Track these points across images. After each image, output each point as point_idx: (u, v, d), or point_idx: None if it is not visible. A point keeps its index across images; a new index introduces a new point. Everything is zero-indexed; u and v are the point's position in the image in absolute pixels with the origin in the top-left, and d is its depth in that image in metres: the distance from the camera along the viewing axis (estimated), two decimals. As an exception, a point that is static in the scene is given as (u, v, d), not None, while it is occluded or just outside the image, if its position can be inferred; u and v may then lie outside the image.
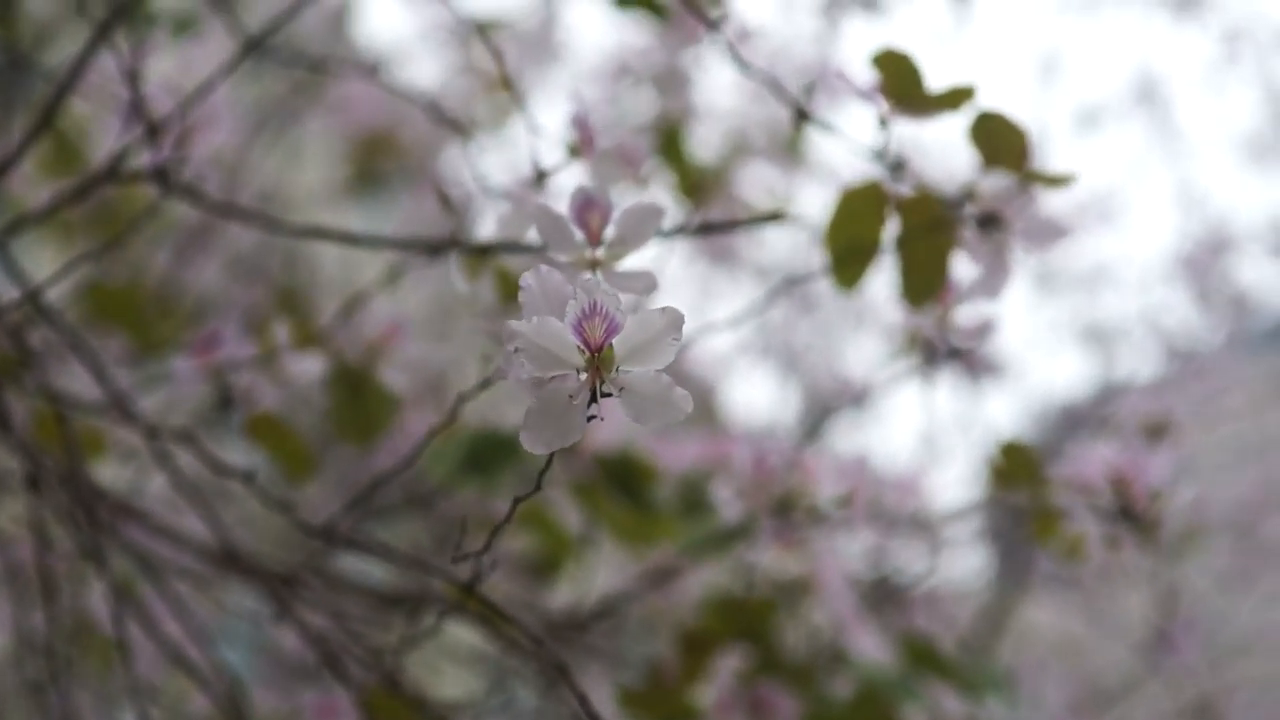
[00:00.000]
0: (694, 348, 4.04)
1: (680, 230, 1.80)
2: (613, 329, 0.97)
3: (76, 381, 2.06)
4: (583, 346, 0.98)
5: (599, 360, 0.98)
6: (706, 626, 2.24)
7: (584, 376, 0.98)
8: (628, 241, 1.23)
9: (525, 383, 1.05)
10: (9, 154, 1.90)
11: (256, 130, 2.94)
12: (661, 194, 2.38)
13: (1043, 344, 6.00)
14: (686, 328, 0.98)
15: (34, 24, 2.63)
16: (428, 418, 2.41)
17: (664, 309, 0.97)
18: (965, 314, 1.82)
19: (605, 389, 0.98)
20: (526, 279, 1.00)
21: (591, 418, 0.99)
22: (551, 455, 1.03)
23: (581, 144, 1.52)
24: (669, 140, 2.47)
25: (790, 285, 2.02)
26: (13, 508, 2.25)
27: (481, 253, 1.70)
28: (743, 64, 1.77)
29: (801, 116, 1.70)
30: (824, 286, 4.81)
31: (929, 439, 5.34)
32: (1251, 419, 5.43)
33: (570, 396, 0.98)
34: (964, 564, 5.38)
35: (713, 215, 2.56)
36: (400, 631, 1.85)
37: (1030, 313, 5.75)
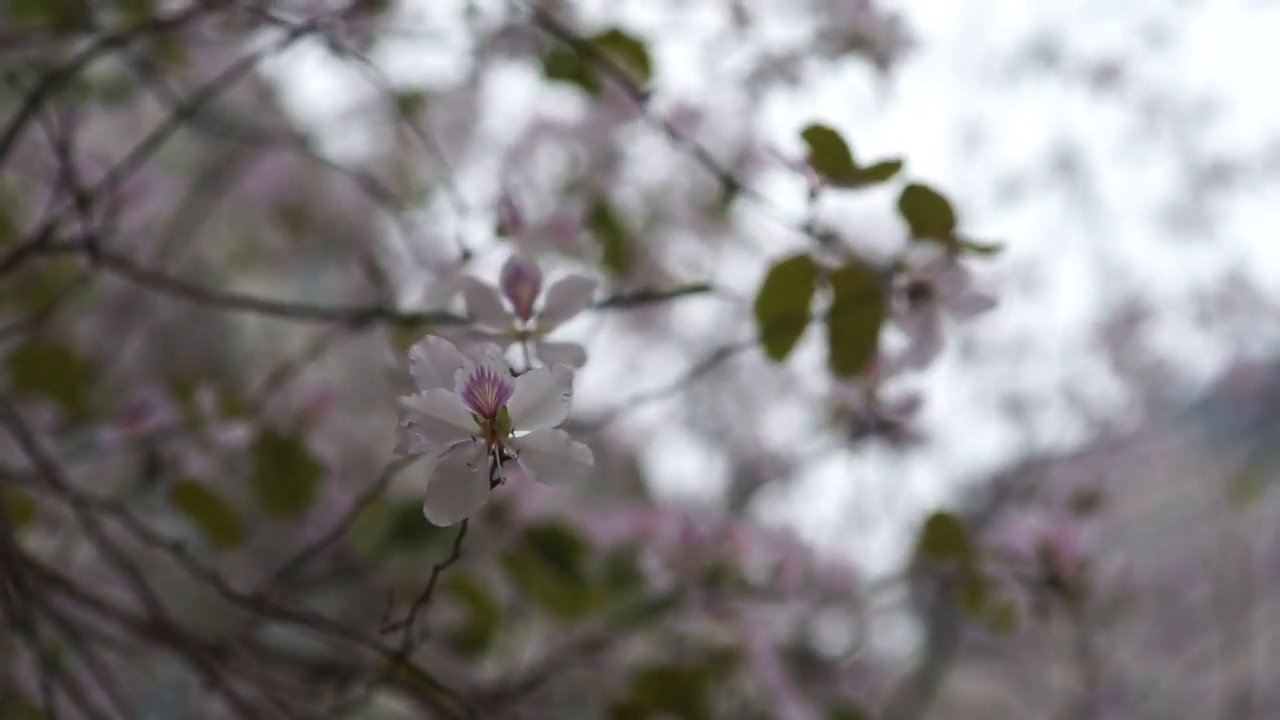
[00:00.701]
0: (621, 419, 4.05)
1: (609, 303, 1.81)
2: (504, 392, 0.97)
3: (3, 450, 2.05)
4: (476, 413, 0.97)
5: (494, 424, 0.98)
6: (637, 697, 2.23)
7: (481, 442, 0.98)
8: (558, 314, 1.23)
9: (425, 456, 1.04)
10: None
11: (187, 199, 2.94)
12: (590, 266, 2.39)
13: (965, 414, 6.02)
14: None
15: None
16: (354, 488, 2.41)
17: (553, 367, 0.97)
18: (893, 387, 1.83)
19: (505, 452, 0.98)
20: (415, 351, 1.00)
21: (495, 482, 0.99)
22: (465, 524, 1.03)
23: (509, 224, 1.53)
24: (599, 211, 2.48)
25: (719, 357, 2.03)
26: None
27: (409, 324, 1.70)
28: (674, 137, 1.78)
29: (731, 188, 1.71)
30: (749, 358, 4.85)
31: (855, 509, 5.37)
32: (1174, 489, 5.48)
33: (469, 464, 0.98)
34: (890, 633, 5.40)
35: (637, 286, 2.57)
36: (330, 702, 1.84)
37: (952, 383, 5.78)
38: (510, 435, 0.98)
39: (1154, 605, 4.96)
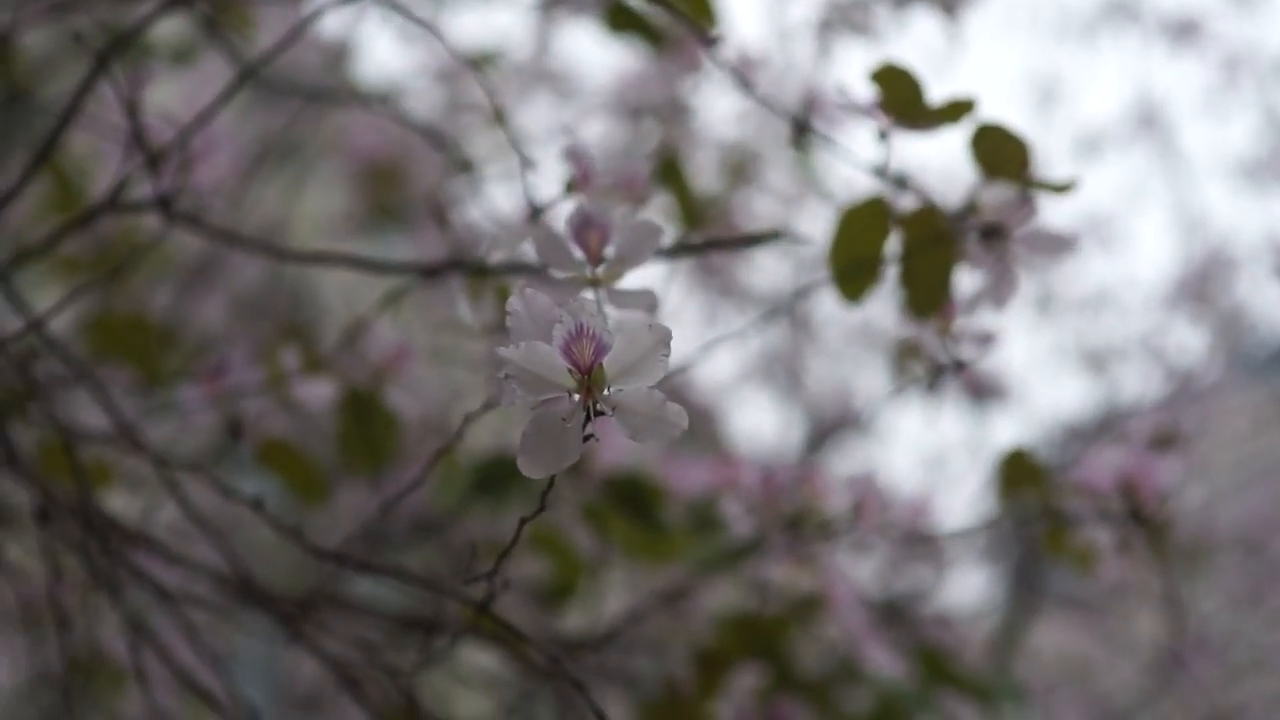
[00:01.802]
0: (697, 373, 4.04)
1: (680, 249, 1.80)
2: (601, 349, 0.97)
3: (83, 413, 2.06)
4: (572, 368, 0.98)
5: (590, 381, 0.98)
6: (721, 645, 2.24)
7: (576, 398, 0.98)
8: (627, 260, 1.23)
9: (519, 407, 1.05)
10: (9, 189, 1.90)
11: (259, 163, 2.95)
12: (660, 215, 2.39)
13: (1044, 368, 6.00)
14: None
15: (31, 60, 2.64)
16: (433, 443, 2.41)
17: (651, 325, 0.97)
18: (968, 326, 1.82)
19: (599, 409, 0.98)
20: (513, 303, 1.00)
21: (588, 437, 0.99)
22: (553, 477, 1.03)
23: (579, 179, 1.53)
24: (669, 168, 2.48)
25: (793, 301, 2.02)
26: (23, 541, 2.26)
27: (481, 274, 1.70)
28: (743, 85, 1.78)
29: (801, 132, 1.71)
30: (825, 308, 4.84)
31: (936, 463, 5.36)
32: (1255, 441, 5.44)
33: (564, 419, 0.98)
34: (973, 587, 5.39)
35: (709, 237, 2.56)
36: (415, 655, 1.84)
37: (1031, 336, 5.76)
38: (606, 392, 0.98)
39: (1237, 557, 4.92)
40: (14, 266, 1.95)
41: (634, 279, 1.25)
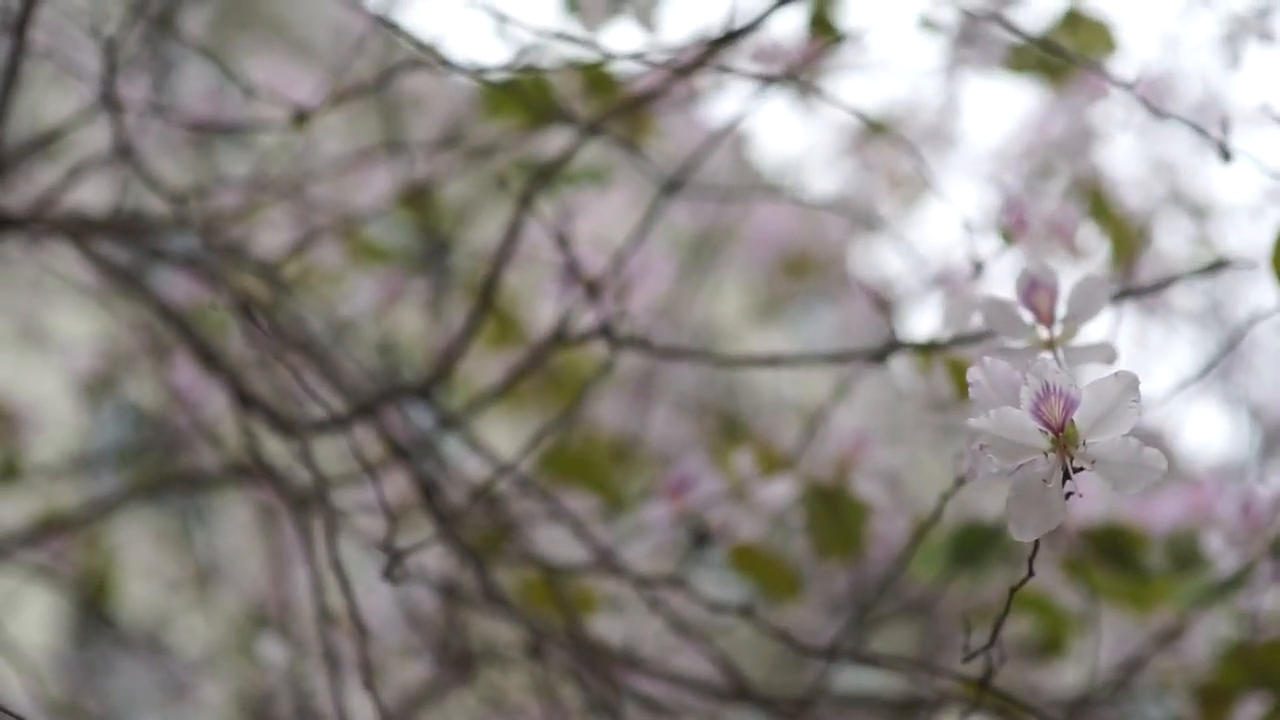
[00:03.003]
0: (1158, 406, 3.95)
1: (1125, 294, 1.77)
2: (1070, 405, 0.96)
3: (553, 545, 2.10)
4: (1044, 428, 0.97)
5: (1063, 439, 0.97)
6: (1222, 679, 2.18)
7: (1052, 457, 0.97)
8: (1079, 317, 1.21)
9: (995, 476, 1.04)
10: (457, 341, 1.96)
11: (682, 269, 2.98)
12: (1097, 261, 2.35)
13: None
14: (1141, 389, 0.97)
15: (450, 207, 2.72)
16: (893, 522, 2.40)
17: (1117, 374, 0.96)
18: None
19: (1076, 464, 0.97)
20: (973, 374, 0.99)
21: (1069, 494, 0.98)
22: (1037, 540, 1.03)
23: (1014, 227, 1.51)
24: (1094, 201, 2.44)
25: (1248, 327, 1.96)
26: (515, 677, 2.30)
27: (929, 349, 1.69)
28: (1153, 110, 1.74)
29: (1226, 155, 1.66)
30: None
31: None
32: None
33: (1044, 479, 0.98)
34: None
35: (1145, 271, 2.51)
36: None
37: None
38: (1080, 447, 0.97)
39: None
40: (470, 411, 2.00)
41: (1088, 333, 1.23)
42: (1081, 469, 0.97)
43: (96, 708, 3.62)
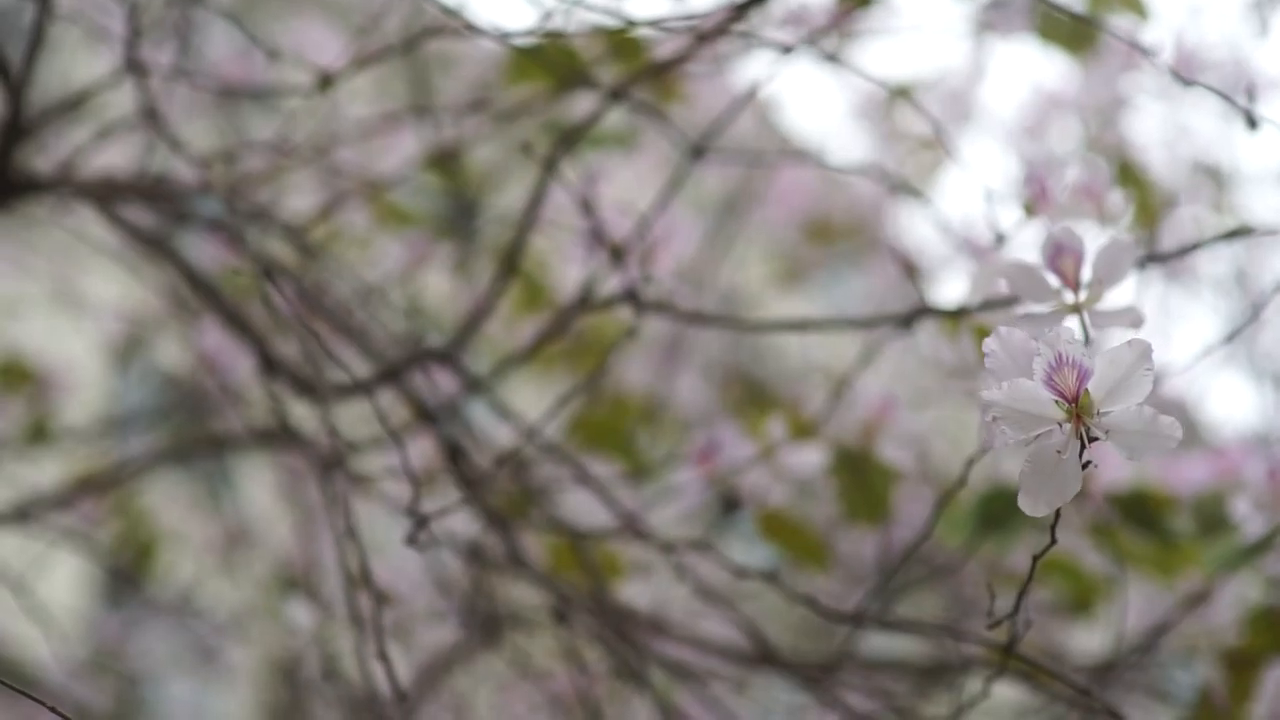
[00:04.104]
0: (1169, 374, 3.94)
1: (1149, 259, 1.76)
2: (1084, 375, 0.95)
3: (579, 510, 2.10)
4: (1058, 399, 0.96)
5: (1078, 409, 0.96)
6: (1249, 643, 2.17)
7: (1067, 428, 0.96)
8: (1104, 281, 1.20)
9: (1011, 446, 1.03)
10: (483, 305, 1.96)
11: (707, 234, 2.98)
12: (1122, 227, 2.33)
13: None
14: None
15: (477, 171, 2.71)
16: (920, 488, 2.39)
17: (1131, 342, 0.95)
18: None
19: (1091, 434, 0.96)
20: (989, 344, 0.98)
21: (1086, 465, 0.98)
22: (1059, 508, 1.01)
23: (1038, 198, 1.50)
24: (1122, 168, 2.43)
25: (1272, 294, 1.96)
26: (542, 642, 2.31)
27: (956, 315, 1.68)
28: (1183, 80, 1.73)
29: (1253, 124, 1.65)
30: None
31: None
32: None
33: (1059, 451, 0.97)
34: None
35: (1168, 237, 2.50)
36: (944, 703, 1.83)
37: None
38: (1095, 417, 0.96)
39: None
40: (496, 375, 2.00)
41: (1113, 295, 1.22)
42: (1097, 439, 0.96)
43: (125, 670, 3.64)
